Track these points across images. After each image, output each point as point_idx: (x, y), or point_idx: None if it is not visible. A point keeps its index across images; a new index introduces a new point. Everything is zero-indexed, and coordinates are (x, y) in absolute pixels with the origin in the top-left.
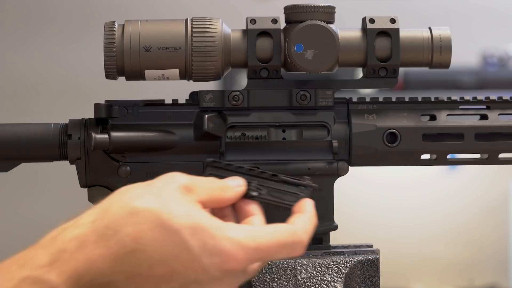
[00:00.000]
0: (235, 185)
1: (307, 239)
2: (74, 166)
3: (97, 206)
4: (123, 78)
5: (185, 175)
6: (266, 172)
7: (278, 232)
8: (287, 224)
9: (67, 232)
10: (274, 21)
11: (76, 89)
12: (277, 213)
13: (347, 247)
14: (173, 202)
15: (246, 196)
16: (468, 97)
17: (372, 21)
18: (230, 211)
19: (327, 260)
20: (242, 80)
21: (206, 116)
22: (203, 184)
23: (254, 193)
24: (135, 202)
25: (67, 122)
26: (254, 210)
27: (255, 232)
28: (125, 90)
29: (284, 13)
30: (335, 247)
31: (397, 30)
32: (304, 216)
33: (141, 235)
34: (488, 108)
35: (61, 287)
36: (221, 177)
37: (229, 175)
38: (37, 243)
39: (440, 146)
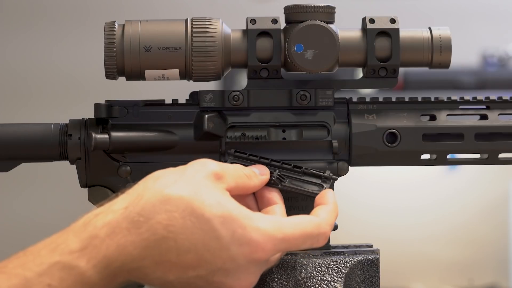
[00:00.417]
0: (259, 173)
1: (330, 230)
2: (74, 166)
3: (129, 192)
4: (123, 78)
5: (216, 162)
6: (289, 163)
7: (304, 224)
8: (311, 215)
9: (99, 218)
10: (274, 21)
11: (76, 89)
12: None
13: (347, 247)
14: (205, 190)
15: (269, 184)
16: (468, 97)
17: (372, 21)
18: (252, 198)
19: (327, 260)
20: (242, 80)
21: (206, 116)
22: (231, 171)
23: (277, 181)
24: (167, 190)
25: (67, 122)
26: (276, 199)
27: (282, 223)
28: (125, 90)
29: (284, 13)
30: (335, 247)
31: (397, 30)
32: (327, 208)
33: (173, 223)
34: (488, 108)
35: (90, 272)
36: (245, 165)
37: (252, 164)
38: (68, 227)
39: (440, 146)
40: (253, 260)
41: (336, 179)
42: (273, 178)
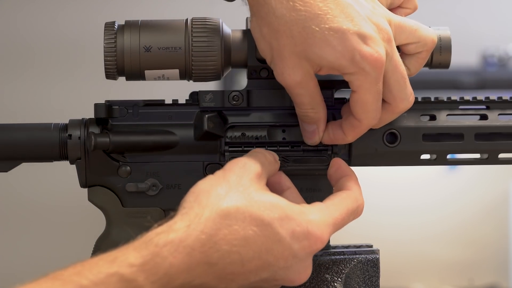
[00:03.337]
0: (274, 158)
1: (363, 200)
2: (74, 166)
3: (185, 211)
4: (123, 78)
5: (251, 160)
6: (286, 145)
7: (344, 201)
8: (346, 191)
9: (161, 237)
10: None
11: (76, 89)
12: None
13: (347, 247)
14: (256, 195)
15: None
16: (468, 97)
17: None
18: None
19: (327, 260)
20: (242, 80)
21: (206, 116)
22: (263, 164)
23: (283, 164)
24: (223, 204)
25: (67, 122)
26: (288, 183)
27: (328, 208)
28: (125, 90)
29: None
30: (335, 247)
31: None
32: (352, 178)
33: (235, 236)
34: (488, 108)
35: None
36: None
37: None
38: (128, 244)
39: (440, 146)
40: (312, 252)
41: (336, 148)
42: (280, 160)
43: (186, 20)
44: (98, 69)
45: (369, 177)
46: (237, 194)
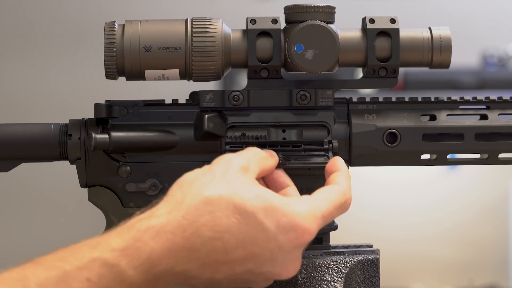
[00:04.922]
0: (270, 154)
1: (351, 195)
2: (74, 166)
3: (167, 198)
4: (123, 78)
5: (237, 155)
6: (287, 145)
7: (333, 195)
8: (334, 184)
9: (142, 223)
10: (274, 21)
11: (76, 89)
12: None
13: (347, 247)
14: (240, 186)
15: (278, 165)
16: (468, 97)
17: (372, 21)
18: (263, 184)
19: (327, 260)
20: (242, 80)
21: (206, 116)
22: (253, 158)
23: (284, 161)
24: (206, 191)
25: (67, 122)
26: (287, 181)
27: (317, 201)
28: (125, 90)
29: (284, 13)
30: (335, 247)
31: (397, 30)
32: (343, 174)
33: (217, 223)
34: (488, 108)
35: (130, 273)
36: None
37: None
38: (111, 230)
39: (440, 146)
40: (299, 244)
41: (336, 148)
42: (280, 158)
43: (186, 20)
44: (99, 67)
45: (369, 177)
46: (220, 184)
